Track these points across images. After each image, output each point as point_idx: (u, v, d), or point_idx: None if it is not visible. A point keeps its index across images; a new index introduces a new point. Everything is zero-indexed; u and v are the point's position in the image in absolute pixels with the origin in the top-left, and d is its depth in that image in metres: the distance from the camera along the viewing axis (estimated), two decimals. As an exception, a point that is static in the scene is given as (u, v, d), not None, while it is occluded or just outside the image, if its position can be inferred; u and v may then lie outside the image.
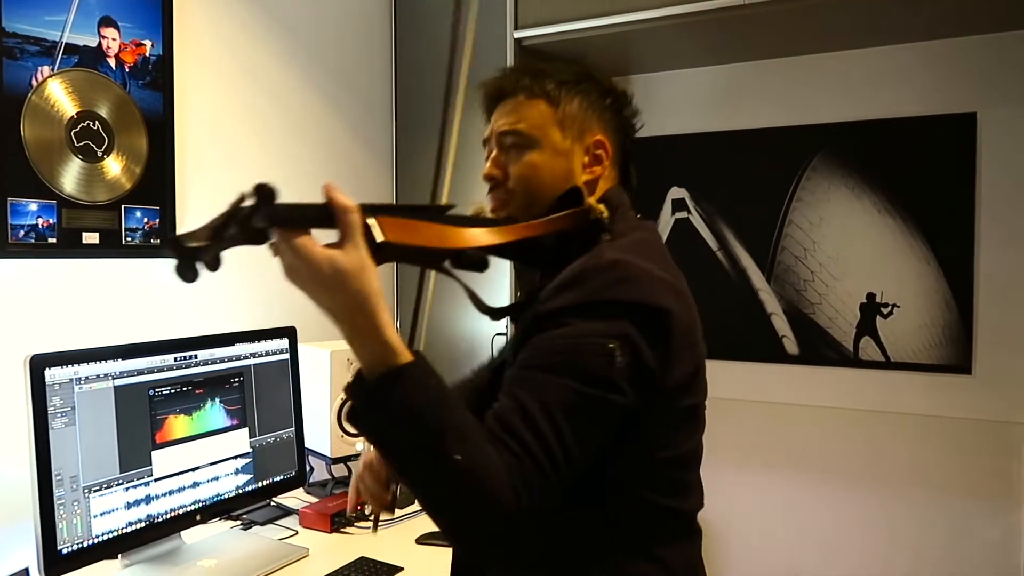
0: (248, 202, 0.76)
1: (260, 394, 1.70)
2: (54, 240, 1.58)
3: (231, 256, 0.79)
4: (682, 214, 2.56)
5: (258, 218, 0.75)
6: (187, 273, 0.75)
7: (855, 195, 2.30)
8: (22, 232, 1.53)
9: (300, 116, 2.20)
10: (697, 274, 2.50)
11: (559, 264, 0.93)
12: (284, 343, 1.78)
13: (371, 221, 0.80)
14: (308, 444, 1.93)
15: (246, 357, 1.67)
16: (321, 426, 1.93)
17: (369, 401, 0.77)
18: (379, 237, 0.79)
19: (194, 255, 0.76)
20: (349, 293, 0.77)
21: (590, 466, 0.85)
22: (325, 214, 0.78)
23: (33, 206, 1.54)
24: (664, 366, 0.88)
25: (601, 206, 0.97)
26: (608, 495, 0.91)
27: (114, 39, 1.68)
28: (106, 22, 1.67)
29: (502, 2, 2.30)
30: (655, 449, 0.92)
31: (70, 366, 1.34)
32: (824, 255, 2.35)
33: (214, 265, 0.75)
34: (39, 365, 1.29)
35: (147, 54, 1.75)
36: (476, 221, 0.95)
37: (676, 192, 2.57)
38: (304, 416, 1.84)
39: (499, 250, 0.94)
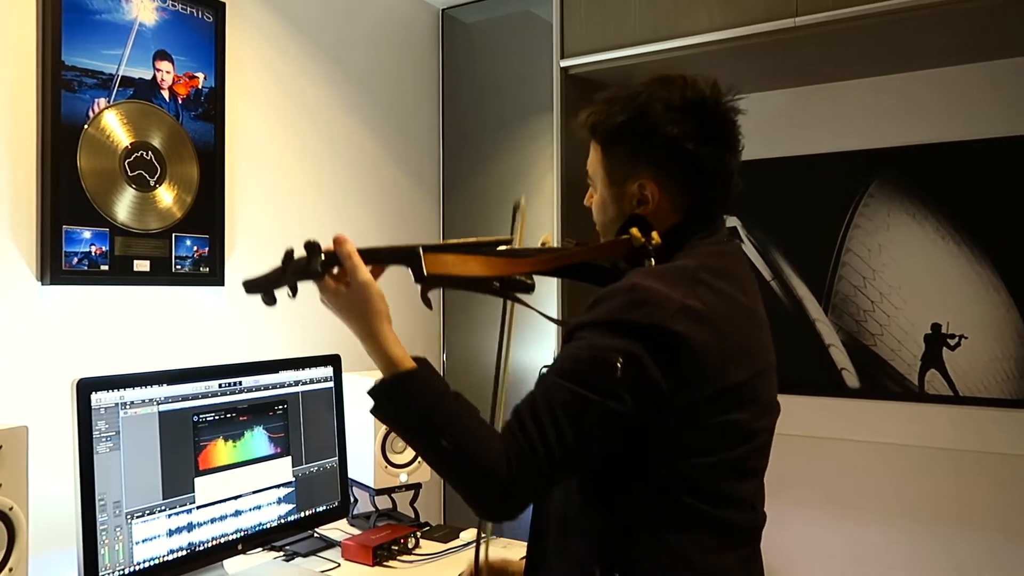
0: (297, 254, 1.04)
1: (304, 422, 1.69)
2: (106, 267, 1.61)
3: None
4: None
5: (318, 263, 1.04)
6: (268, 300, 1.06)
7: (916, 221, 2.21)
8: (75, 259, 1.55)
9: (347, 147, 2.22)
10: (751, 304, 2.43)
11: (607, 282, 1.02)
12: (328, 371, 1.77)
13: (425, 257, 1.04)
14: (351, 475, 1.90)
15: (290, 385, 1.67)
16: (365, 456, 1.91)
17: (377, 397, 0.99)
18: (425, 270, 1.03)
19: (268, 287, 1.05)
20: (357, 315, 1.01)
21: (614, 462, 0.98)
22: (333, 256, 1.03)
23: (87, 234, 1.57)
24: (677, 384, 0.94)
25: (636, 232, 1.03)
26: (642, 491, 0.99)
27: (168, 72, 1.72)
28: (161, 56, 1.71)
29: (548, 31, 2.30)
30: (689, 455, 0.98)
31: (116, 390, 1.35)
32: (885, 284, 2.25)
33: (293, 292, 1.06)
34: (86, 389, 1.30)
35: (200, 86, 1.78)
36: (519, 251, 1.09)
37: (728, 220, 2.51)
38: (348, 446, 1.82)
39: (550, 272, 1.13)
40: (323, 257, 1.01)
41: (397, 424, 1.00)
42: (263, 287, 1.03)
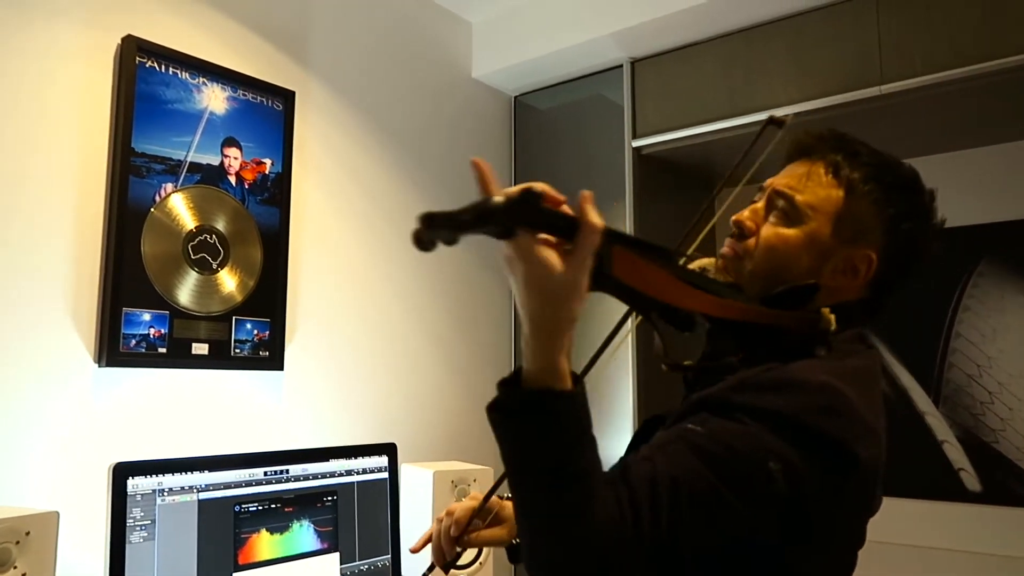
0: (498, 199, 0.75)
1: (355, 516, 1.59)
2: (164, 350, 1.59)
3: (331, 361, 0.79)
4: (827, 328, 2.30)
5: (506, 215, 0.75)
6: (426, 244, 0.74)
7: (1036, 302, 1.98)
8: (133, 341, 1.55)
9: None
10: (848, 395, 2.22)
11: (762, 353, 0.86)
12: (383, 461, 1.68)
13: (613, 248, 0.77)
14: (405, 574, 1.78)
15: (341, 474, 1.58)
16: (421, 555, 1.78)
17: (513, 404, 0.75)
18: (609, 268, 0.76)
19: (443, 225, 0.75)
20: (549, 306, 0.74)
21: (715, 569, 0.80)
22: (570, 224, 0.74)
23: (146, 316, 1.57)
24: (827, 513, 0.81)
25: (832, 317, 0.85)
26: None
27: (236, 158, 1.75)
28: (229, 142, 1.74)
29: (620, 114, 2.26)
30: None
31: (154, 476, 1.29)
32: (1003, 372, 2.01)
33: (452, 241, 0.75)
34: (122, 473, 1.26)
35: (267, 171, 1.81)
36: (705, 282, 0.87)
37: (819, 304, 2.33)
38: (402, 543, 1.71)
39: (714, 320, 0.86)
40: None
41: (511, 445, 0.77)
42: (447, 228, 0.75)
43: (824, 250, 0.91)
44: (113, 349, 1.52)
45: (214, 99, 1.72)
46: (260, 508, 1.43)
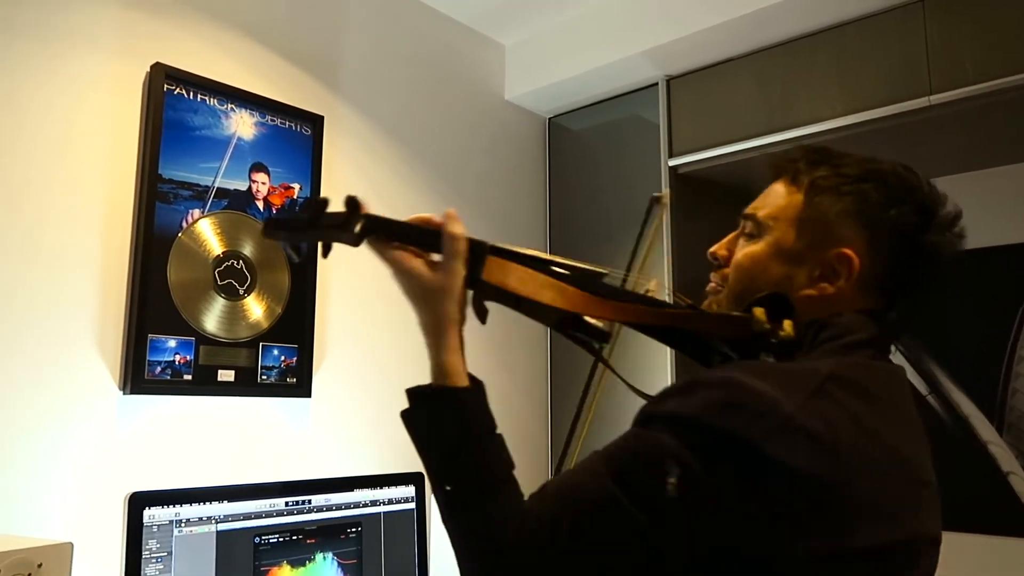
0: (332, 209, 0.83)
1: (380, 548, 1.54)
2: (189, 377, 1.58)
3: (359, 389, 0.88)
4: (879, 352, 2.18)
5: (357, 225, 0.83)
6: (290, 253, 0.87)
7: (1108, 323, 1.85)
8: (159, 368, 1.53)
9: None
10: (903, 423, 2.09)
11: (712, 365, 0.86)
12: (410, 491, 1.62)
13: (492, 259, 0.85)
14: (436, 609, 1.72)
15: (366, 505, 1.54)
16: (451, 589, 1.72)
17: (413, 403, 0.83)
18: (479, 273, 0.84)
19: (283, 227, 0.85)
20: (427, 309, 0.83)
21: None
22: (432, 236, 0.84)
23: (172, 342, 1.56)
24: (762, 531, 0.69)
25: (760, 312, 0.81)
26: None
27: (264, 183, 1.74)
28: (257, 168, 1.74)
29: (655, 130, 2.20)
30: None
31: (171, 506, 1.26)
32: (1073, 399, 1.87)
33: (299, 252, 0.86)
34: (138, 504, 1.23)
35: (295, 197, 1.79)
36: (619, 294, 0.87)
37: (870, 327, 2.21)
38: (432, 575, 1.65)
39: (642, 328, 0.87)
40: (364, 222, 0.82)
41: (417, 442, 0.84)
42: (286, 229, 0.84)
43: (792, 256, 0.85)
44: (138, 376, 1.50)
45: (242, 125, 1.72)
46: (281, 540, 1.39)
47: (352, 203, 0.82)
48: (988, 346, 2.00)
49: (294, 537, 1.41)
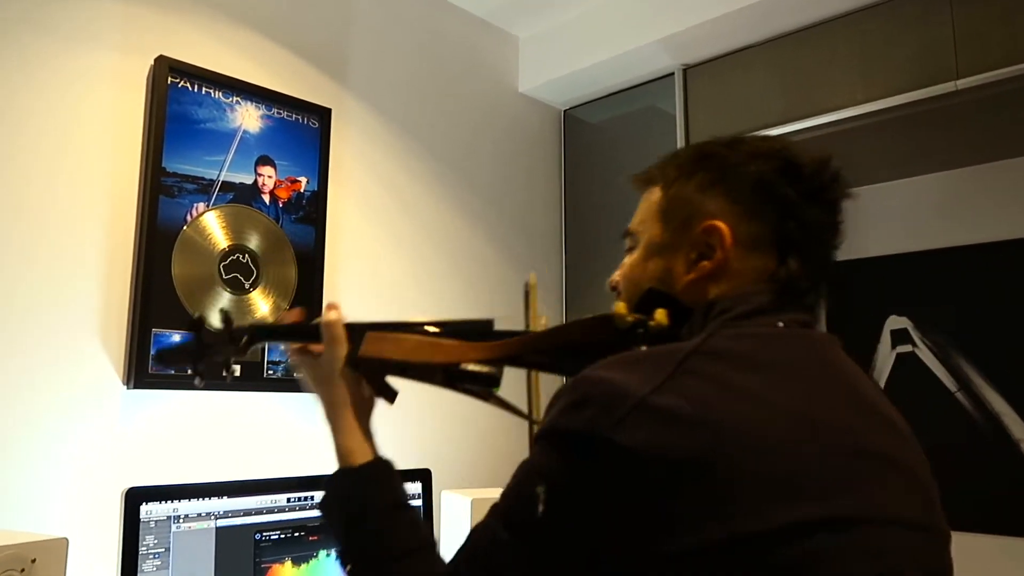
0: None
1: (386, 546, 1.51)
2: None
3: None
4: (905, 348, 2.11)
5: (243, 338, 0.93)
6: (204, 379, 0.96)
7: None
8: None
9: (458, 252, 2.13)
10: (929, 421, 2.01)
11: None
12: (416, 487, 1.59)
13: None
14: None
15: (371, 502, 1.51)
16: (459, 588, 1.69)
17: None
18: (357, 351, 0.87)
19: (174, 360, 0.98)
20: (320, 396, 0.91)
21: None
22: (315, 329, 0.89)
23: (176, 337, 1.55)
24: (642, 527, 0.62)
25: (621, 307, 0.78)
26: None
27: (270, 176, 1.73)
28: (264, 161, 1.72)
29: (672, 120, 2.15)
30: None
31: (168, 502, 1.25)
32: (1110, 396, 1.79)
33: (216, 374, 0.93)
34: (134, 499, 1.21)
35: (302, 190, 1.77)
36: (490, 335, 0.88)
37: (895, 322, 2.14)
38: (439, 575, 1.62)
39: (512, 361, 0.87)
40: (248, 335, 0.93)
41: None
42: (177, 360, 0.94)
43: (663, 248, 0.82)
44: (142, 371, 1.49)
45: (248, 118, 1.70)
46: (283, 536, 1.37)
47: (226, 318, 0.92)
48: (1018, 341, 1.92)
49: (296, 534, 1.39)
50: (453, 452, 1.96)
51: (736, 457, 0.62)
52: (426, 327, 0.89)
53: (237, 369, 0.94)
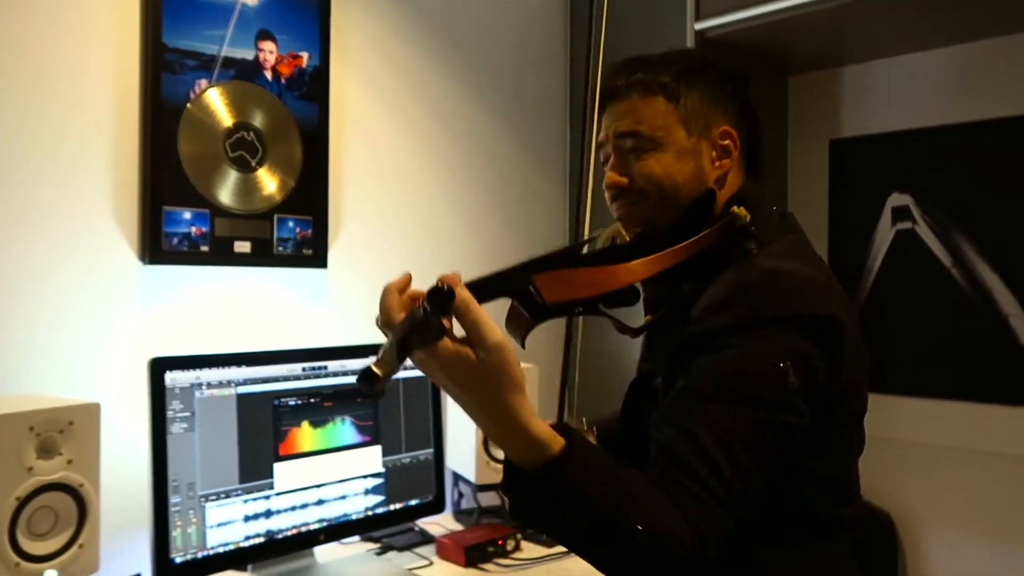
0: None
1: (400, 410, 1.61)
2: (206, 248, 1.61)
3: (375, 261, 0.86)
4: (905, 224, 2.13)
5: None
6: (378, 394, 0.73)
7: None
8: (176, 239, 1.57)
9: (462, 126, 2.11)
10: (924, 296, 2.07)
11: (705, 277, 0.91)
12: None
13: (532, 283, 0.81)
14: (455, 468, 1.81)
15: (381, 371, 1.59)
16: (466, 449, 1.80)
17: (536, 497, 0.74)
18: (541, 299, 0.80)
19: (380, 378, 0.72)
20: (485, 393, 0.73)
21: None
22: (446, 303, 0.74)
23: (187, 214, 1.58)
24: (835, 376, 0.86)
25: (742, 210, 0.91)
26: (773, 499, 0.86)
27: (271, 52, 1.71)
28: (264, 35, 1.69)
29: (681, -5, 2.08)
30: (822, 458, 0.90)
31: (191, 370, 1.32)
32: (1101, 272, 1.83)
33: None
34: (159, 368, 1.29)
35: (304, 66, 1.75)
36: (624, 251, 0.90)
37: (897, 199, 2.15)
38: (447, 438, 1.73)
39: (654, 279, 0.89)
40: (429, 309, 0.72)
41: (565, 522, 0.75)
42: (384, 379, 0.71)
43: (692, 152, 0.97)
44: (156, 247, 1.54)
45: (245, -11, 1.66)
46: (299, 403, 1.46)
47: (368, 376, 0.71)
48: (1017, 219, 1.94)
49: (312, 400, 1.48)
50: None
51: (852, 321, 0.91)
52: (571, 258, 0.91)
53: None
